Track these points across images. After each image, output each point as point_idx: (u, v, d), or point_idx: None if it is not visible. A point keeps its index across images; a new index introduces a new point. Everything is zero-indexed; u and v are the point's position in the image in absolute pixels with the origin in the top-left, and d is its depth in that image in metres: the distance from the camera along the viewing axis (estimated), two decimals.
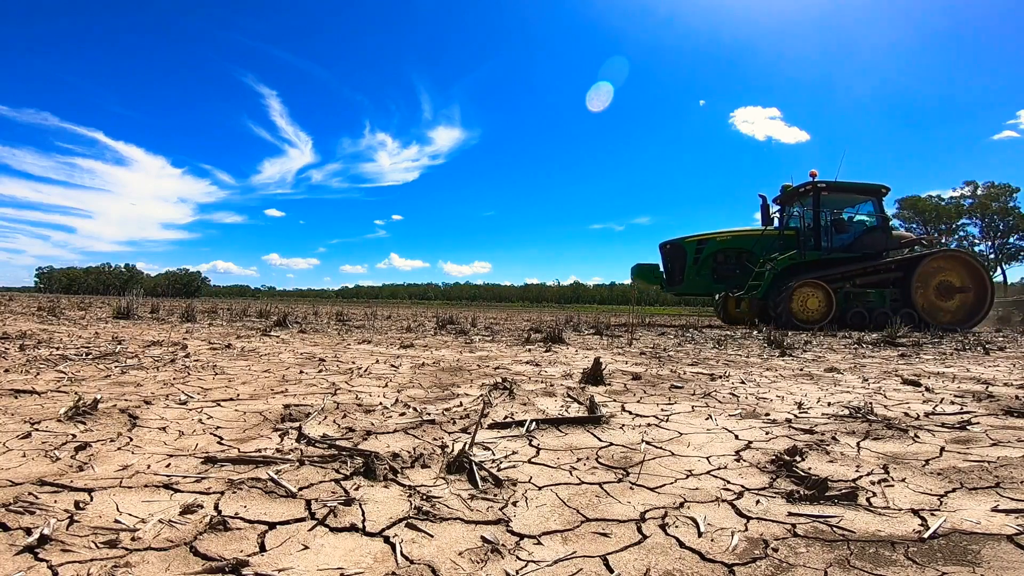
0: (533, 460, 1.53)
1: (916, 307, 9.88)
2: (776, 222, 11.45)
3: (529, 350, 4.83)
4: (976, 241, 37.13)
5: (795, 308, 9.92)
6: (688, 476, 1.41)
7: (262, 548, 0.98)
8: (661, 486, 1.33)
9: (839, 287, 10.18)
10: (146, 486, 1.26)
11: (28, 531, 1.00)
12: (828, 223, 10.76)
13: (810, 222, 10.77)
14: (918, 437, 1.82)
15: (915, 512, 1.17)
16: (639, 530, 1.08)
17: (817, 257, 10.49)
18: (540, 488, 1.30)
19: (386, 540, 1.02)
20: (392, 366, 3.49)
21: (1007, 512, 1.17)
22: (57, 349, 3.82)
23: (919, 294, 10.03)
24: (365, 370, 3.26)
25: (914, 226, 38.09)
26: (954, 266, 10.16)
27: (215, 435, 1.71)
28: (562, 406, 2.27)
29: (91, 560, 0.92)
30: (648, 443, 1.71)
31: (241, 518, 1.09)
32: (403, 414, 2.06)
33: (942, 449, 1.68)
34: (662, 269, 11.76)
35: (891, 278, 10.30)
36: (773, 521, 1.12)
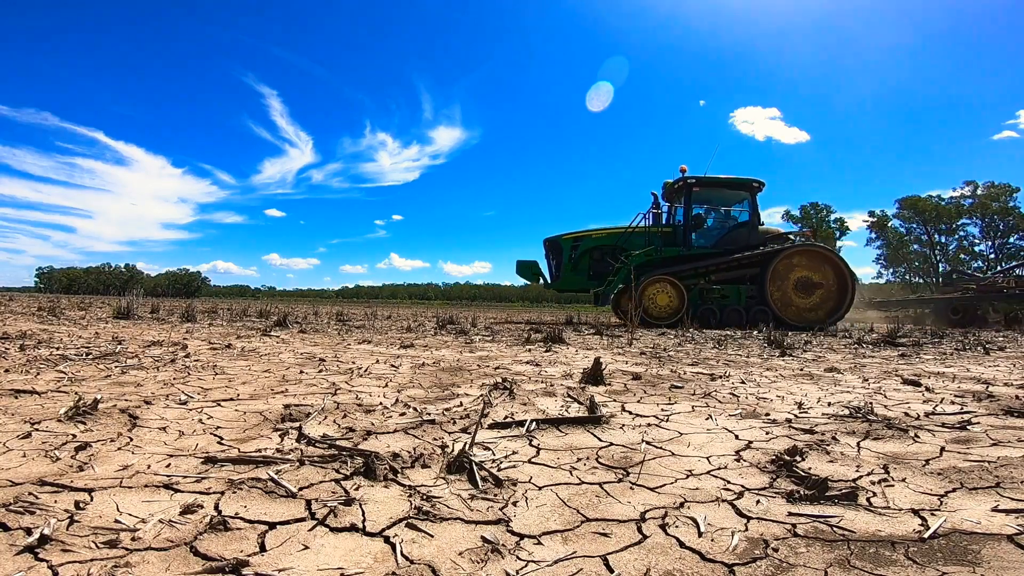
0: (533, 460, 1.53)
1: (770, 303, 9.79)
2: (664, 218, 11.49)
3: (529, 350, 4.83)
4: (976, 241, 37.14)
5: (646, 304, 9.98)
6: (688, 476, 1.41)
7: (262, 548, 0.98)
8: (661, 486, 1.33)
9: (693, 284, 10.20)
10: (146, 486, 1.26)
11: (28, 531, 1.00)
12: (710, 219, 10.84)
13: (690, 218, 10.81)
14: (918, 437, 1.82)
15: (915, 512, 1.17)
16: (639, 530, 1.08)
17: (676, 253, 10.50)
18: (540, 488, 1.30)
19: (386, 540, 1.02)
20: (392, 366, 3.49)
21: (1007, 512, 1.17)
22: (57, 349, 3.82)
23: (775, 290, 9.92)
24: (365, 370, 3.26)
25: (914, 226, 38.09)
26: (813, 261, 10.01)
27: (215, 435, 1.71)
28: (562, 406, 2.27)
29: (91, 560, 0.92)
30: (648, 443, 1.71)
31: (241, 518, 1.09)
32: (403, 414, 2.06)
33: (942, 449, 1.68)
34: (546, 266, 11.73)
35: (748, 274, 10.20)
36: (773, 521, 1.12)
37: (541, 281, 11.77)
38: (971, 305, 12.99)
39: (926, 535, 1.05)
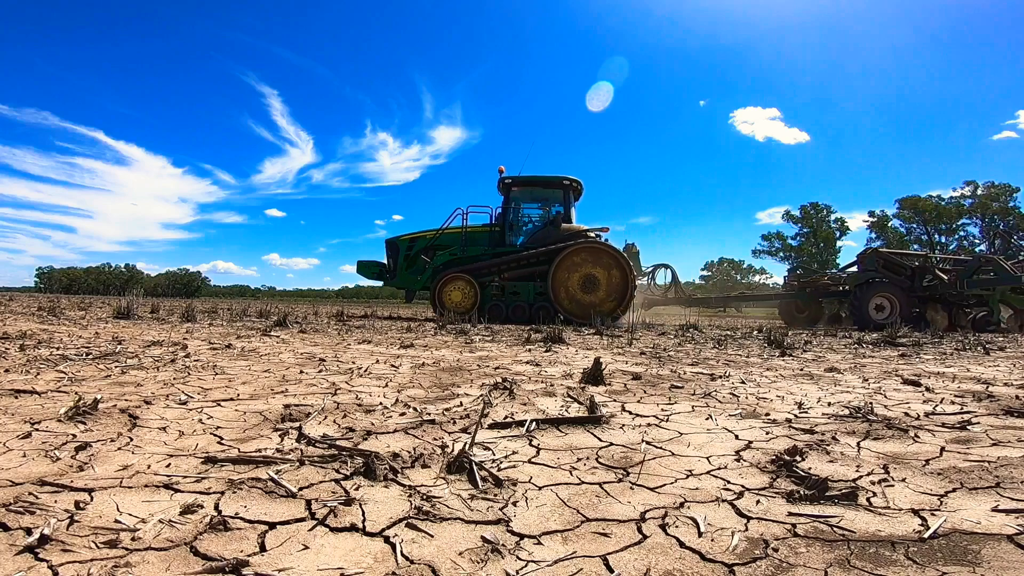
0: (533, 460, 1.53)
1: (553, 299, 10.21)
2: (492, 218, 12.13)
3: (529, 350, 4.83)
4: (976, 241, 37.15)
5: (444, 299, 10.58)
6: (688, 476, 1.41)
7: (262, 548, 0.98)
8: (661, 486, 1.33)
9: (488, 281, 10.72)
10: (146, 486, 1.26)
11: (28, 531, 1.00)
12: (534, 218, 11.49)
13: (515, 217, 11.32)
14: (918, 437, 1.82)
15: (915, 512, 1.17)
16: (639, 530, 1.08)
17: (480, 252, 11.01)
18: (540, 488, 1.30)
19: (386, 540, 1.02)
20: (392, 366, 3.49)
21: (1007, 512, 1.17)
22: (57, 349, 3.82)
23: (560, 287, 10.29)
24: (365, 370, 3.26)
25: (914, 226, 38.11)
26: (597, 259, 10.29)
27: (215, 435, 1.71)
28: (562, 406, 2.27)
29: (91, 560, 0.92)
30: (648, 443, 1.71)
31: (241, 518, 1.09)
32: (403, 414, 2.06)
33: (942, 449, 1.68)
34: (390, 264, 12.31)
35: (539, 272, 10.56)
36: (773, 521, 1.12)
37: (383, 281, 12.43)
38: (809, 301, 13.67)
39: (926, 535, 1.05)
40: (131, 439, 1.65)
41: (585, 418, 1.98)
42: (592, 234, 10.89)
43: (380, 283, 12.36)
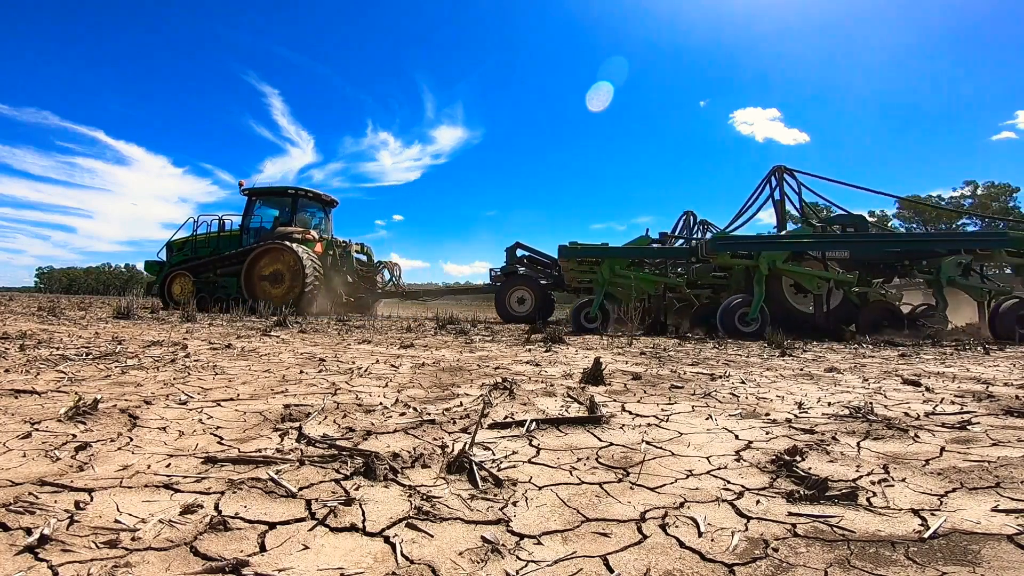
0: (533, 460, 1.53)
1: (246, 292, 11.86)
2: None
3: (529, 350, 4.83)
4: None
5: (173, 292, 12.84)
6: (688, 476, 1.41)
7: (262, 548, 0.98)
8: (661, 486, 1.33)
9: (205, 277, 12.74)
10: (146, 486, 1.26)
11: (28, 531, 1.00)
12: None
13: (247, 222, 13.11)
14: (918, 437, 1.82)
15: (915, 512, 1.17)
16: (639, 530, 1.08)
17: (208, 254, 12.85)
18: (540, 488, 1.30)
19: (386, 540, 1.02)
20: (392, 366, 3.49)
21: (1007, 512, 1.17)
22: (57, 349, 3.82)
23: (253, 282, 11.99)
24: (365, 370, 3.26)
25: (914, 226, 38.11)
26: (280, 257, 11.84)
27: (215, 435, 1.71)
28: (562, 406, 2.27)
29: (91, 560, 0.92)
30: (648, 443, 1.71)
31: (241, 518, 1.09)
32: (403, 414, 2.06)
33: (942, 449, 1.68)
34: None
35: (242, 269, 12.21)
36: (773, 521, 1.12)
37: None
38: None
39: (926, 535, 1.05)
40: (131, 439, 1.65)
41: (585, 418, 1.98)
42: (308, 236, 12.56)
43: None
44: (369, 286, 13.91)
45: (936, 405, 2.39)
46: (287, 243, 11.77)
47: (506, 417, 2.01)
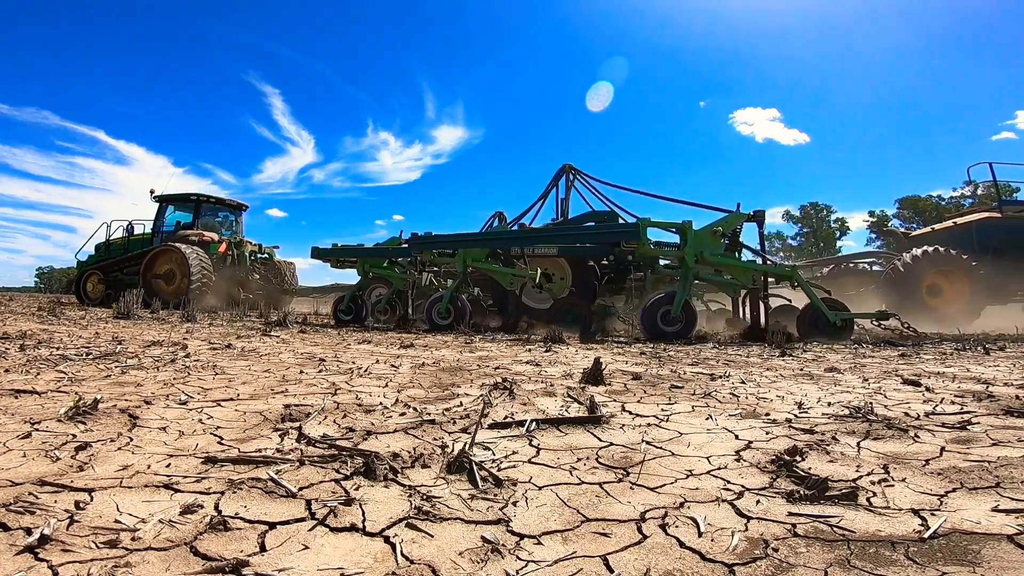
0: (533, 460, 1.53)
1: (144, 289, 12.58)
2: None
3: (529, 350, 4.83)
4: None
5: (87, 290, 14.13)
6: (688, 476, 1.41)
7: (262, 548, 0.98)
8: (661, 486, 1.33)
9: (114, 276, 14.05)
10: (146, 486, 1.26)
11: (28, 531, 1.00)
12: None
13: (158, 226, 14.28)
14: (918, 437, 1.82)
15: (915, 512, 1.17)
16: (639, 530, 1.08)
17: (119, 255, 14.13)
18: (540, 488, 1.30)
19: (386, 540, 1.02)
20: (392, 366, 3.49)
21: (1007, 512, 1.17)
22: (57, 349, 3.82)
23: (149, 279, 12.95)
24: (365, 370, 3.26)
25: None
26: (172, 257, 12.87)
27: (215, 435, 1.71)
28: (562, 406, 2.27)
29: (91, 560, 0.92)
30: (648, 443, 1.71)
31: (241, 518, 1.09)
32: (403, 414, 2.06)
33: (942, 449, 1.68)
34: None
35: (141, 268, 13.41)
36: (773, 521, 1.12)
37: None
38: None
39: (926, 535, 1.05)
40: (131, 439, 1.65)
41: (585, 418, 1.98)
42: (204, 237, 13.38)
43: None
44: (277, 284, 14.91)
45: (936, 405, 2.39)
46: (177, 244, 12.87)
47: (506, 417, 2.01)
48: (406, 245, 8.81)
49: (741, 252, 7.17)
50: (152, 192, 14.46)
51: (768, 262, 7.04)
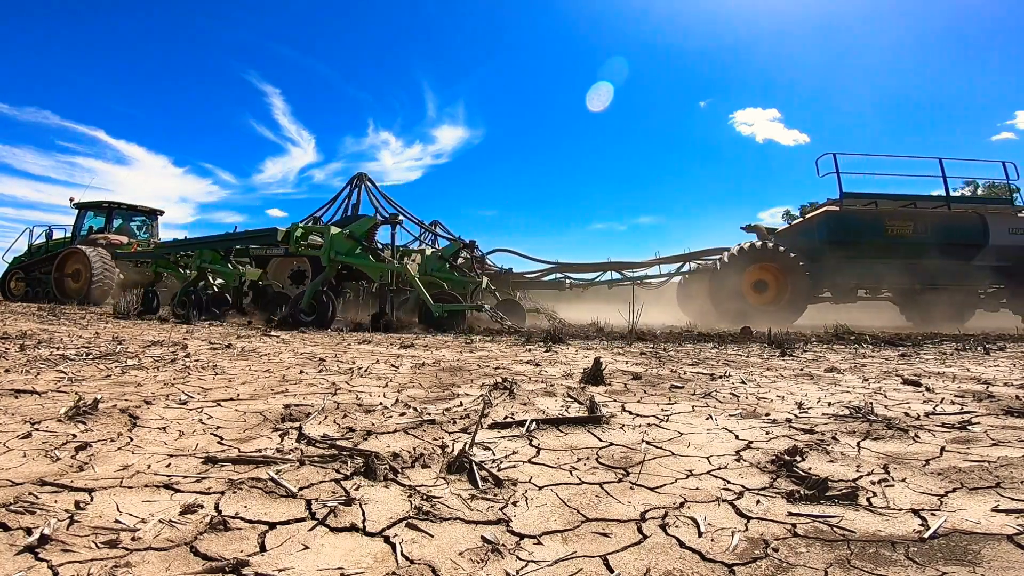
0: (533, 460, 1.53)
1: (55, 287, 13.78)
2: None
3: (529, 350, 4.83)
4: None
5: (11, 288, 15.13)
6: (688, 476, 1.41)
7: (262, 548, 0.98)
8: (661, 486, 1.33)
9: (33, 276, 14.93)
10: (146, 486, 1.26)
11: (28, 531, 1.00)
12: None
13: (95, 228, 15.26)
14: (918, 437, 1.82)
15: (915, 512, 1.17)
16: (639, 530, 1.08)
17: (43, 255, 14.94)
18: (540, 488, 1.30)
19: (386, 540, 1.02)
20: (392, 366, 3.49)
21: (1007, 512, 1.17)
22: (57, 349, 3.82)
23: (60, 278, 13.86)
24: (365, 370, 3.26)
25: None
26: (79, 258, 13.69)
27: (215, 435, 1.71)
28: (562, 406, 2.27)
29: (91, 560, 0.92)
30: (648, 443, 1.71)
31: (241, 518, 1.09)
32: (403, 414, 2.06)
33: (942, 449, 1.68)
34: None
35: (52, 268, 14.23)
36: (773, 521, 1.12)
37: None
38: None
39: (926, 535, 1.05)
40: (131, 439, 1.65)
41: (585, 418, 1.98)
42: (112, 240, 14.33)
43: None
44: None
45: (936, 405, 2.39)
46: (81, 247, 13.87)
47: (506, 417, 2.01)
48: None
49: (377, 253, 7.86)
50: (72, 200, 15.82)
51: (388, 262, 7.77)
